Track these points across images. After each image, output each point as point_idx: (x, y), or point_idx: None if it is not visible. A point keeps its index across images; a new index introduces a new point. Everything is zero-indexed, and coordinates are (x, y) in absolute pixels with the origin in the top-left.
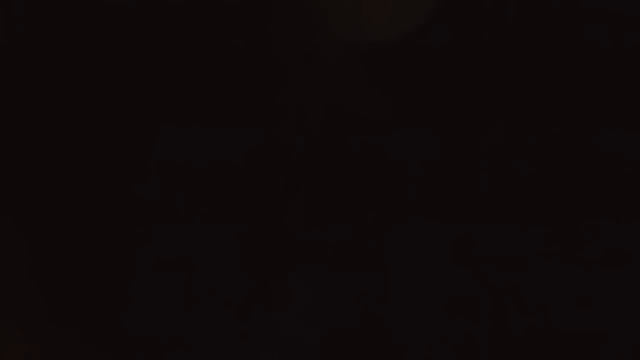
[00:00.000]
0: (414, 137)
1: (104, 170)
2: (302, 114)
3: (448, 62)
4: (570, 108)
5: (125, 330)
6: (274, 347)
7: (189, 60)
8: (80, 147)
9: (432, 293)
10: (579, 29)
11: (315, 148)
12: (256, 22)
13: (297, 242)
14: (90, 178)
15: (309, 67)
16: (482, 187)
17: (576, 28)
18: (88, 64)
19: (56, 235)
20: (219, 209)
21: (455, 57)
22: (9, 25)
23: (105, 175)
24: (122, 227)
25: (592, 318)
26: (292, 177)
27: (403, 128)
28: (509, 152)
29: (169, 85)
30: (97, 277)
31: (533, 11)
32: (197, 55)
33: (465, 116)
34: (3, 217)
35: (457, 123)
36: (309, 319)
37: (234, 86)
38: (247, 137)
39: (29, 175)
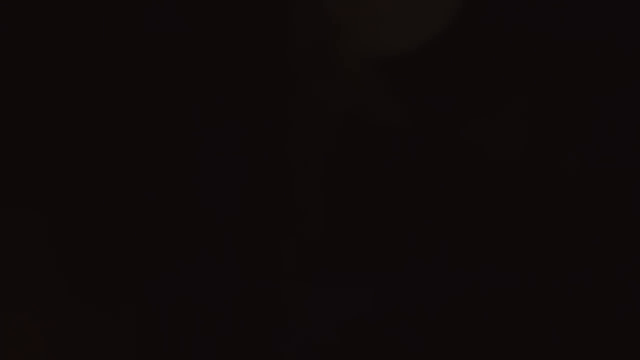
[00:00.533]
0: (433, 145)
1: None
2: (321, 122)
3: (466, 70)
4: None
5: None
6: (289, 353)
7: (207, 72)
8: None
9: (450, 298)
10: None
11: (334, 156)
12: (275, 30)
13: (315, 248)
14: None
15: (328, 76)
16: (502, 193)
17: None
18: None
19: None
20: (235, 214)
21: (473, 65)
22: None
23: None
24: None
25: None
26: (310, 184)
27: (422, 135)
28: (530, 159)
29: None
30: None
31: (552, 20)
32: (216, 66)
33: (486, 124)
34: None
35: (477, 130)
36: (326, 324)
37: (253, 93)
38: (266, 142)
39: (46, 166)
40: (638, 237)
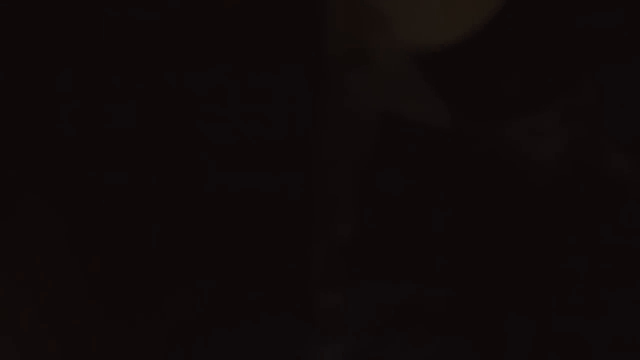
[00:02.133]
0: (473, 145)
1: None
2: (355, 120)
3: (509, 67)
4: None
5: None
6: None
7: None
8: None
9: (487, 305)
10: None
11: (367, 156)
12: (310, 25)
13: (346, 254)
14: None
15: (365, 72)
16: (544, 198)
17: None
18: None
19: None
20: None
21: (517, 61)
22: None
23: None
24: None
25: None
26: (342, 185)
27: (462, 136)
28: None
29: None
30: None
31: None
32: (247, 58)
33: (529, 124)
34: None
35: (519, 131)
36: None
37: (285, 89)
38: (296, 141)
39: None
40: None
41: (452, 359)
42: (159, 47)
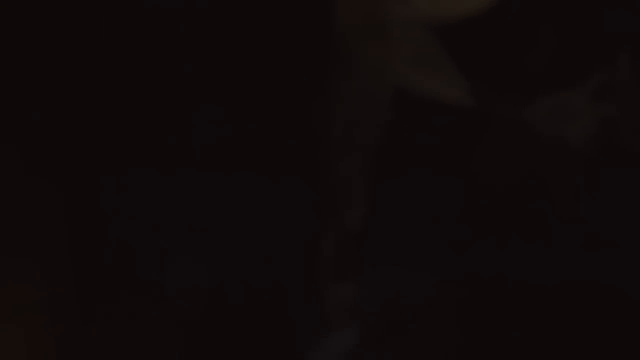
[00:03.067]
0: (493, 125)
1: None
2: (372, 98)
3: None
4: None
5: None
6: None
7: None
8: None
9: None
10: None
11: (383, 136)
12: None
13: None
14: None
15: (381, 46)
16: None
17: None
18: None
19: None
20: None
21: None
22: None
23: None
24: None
25: None
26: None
27: (481, 114)
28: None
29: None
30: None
31: None
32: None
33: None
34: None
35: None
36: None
37: (299, 66)
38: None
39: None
40: None
41: (466, 351)
42: None
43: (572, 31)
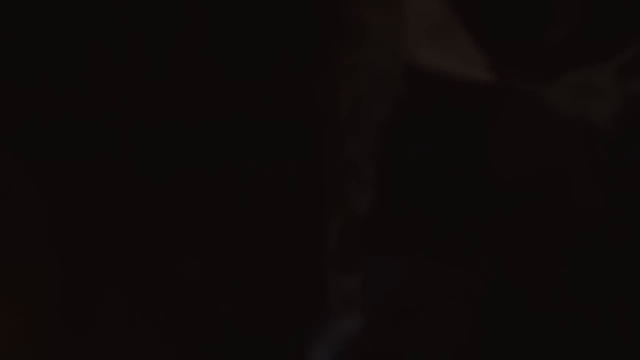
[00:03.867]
0: (512, 106)
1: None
2: (381, 74)
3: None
4: None
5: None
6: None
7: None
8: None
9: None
10: None
11: (393, 115)
12: None
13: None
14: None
15: (392, 17)
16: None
17: None
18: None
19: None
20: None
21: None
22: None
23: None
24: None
25: None
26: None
27: (500, 94)
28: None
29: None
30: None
31: None
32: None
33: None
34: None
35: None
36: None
37: (301, 38)
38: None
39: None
40: None
41: (476, 339)
42: None
43: (600, 2)
